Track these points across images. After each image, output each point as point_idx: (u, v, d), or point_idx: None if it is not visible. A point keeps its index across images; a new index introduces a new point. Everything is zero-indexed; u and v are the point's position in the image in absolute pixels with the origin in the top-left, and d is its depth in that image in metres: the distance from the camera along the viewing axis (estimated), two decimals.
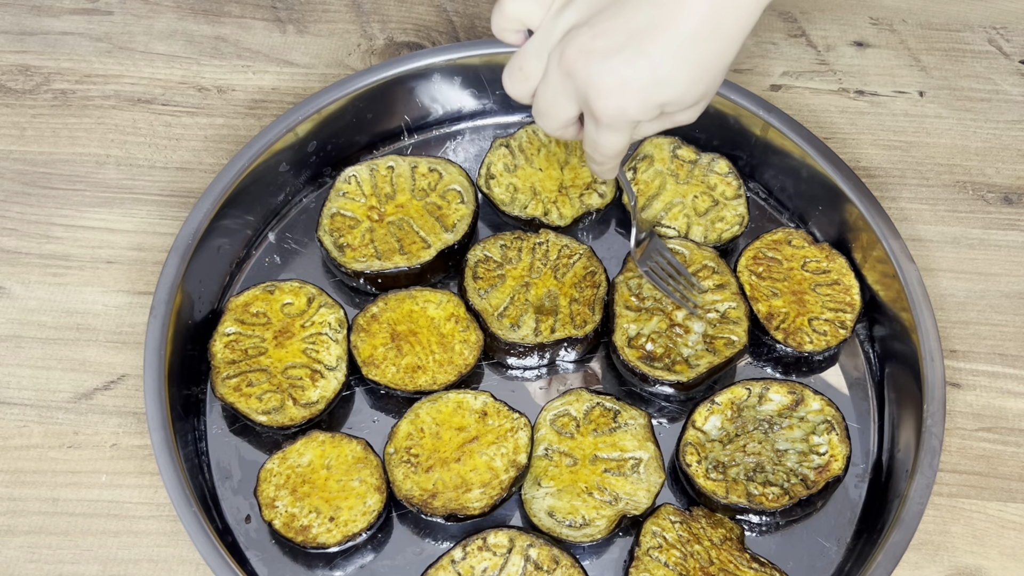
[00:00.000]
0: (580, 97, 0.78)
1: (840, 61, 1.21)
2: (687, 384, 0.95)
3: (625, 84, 0.75)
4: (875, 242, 1.00)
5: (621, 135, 0.79)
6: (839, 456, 0.92)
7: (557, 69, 0.77)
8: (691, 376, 0.95)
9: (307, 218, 1.08)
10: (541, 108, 0.81)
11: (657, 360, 0.96)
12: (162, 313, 0.94)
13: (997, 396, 1.01)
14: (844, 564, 0.93)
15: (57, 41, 1.19)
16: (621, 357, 0.96)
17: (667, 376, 0.95)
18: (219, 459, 0.96)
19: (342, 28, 1.22)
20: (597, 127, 0.79)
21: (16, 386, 0.99)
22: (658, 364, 0.96)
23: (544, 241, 1.02)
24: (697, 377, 0.95)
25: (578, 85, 0.77)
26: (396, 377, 0.96)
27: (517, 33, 0.82)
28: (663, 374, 0.95)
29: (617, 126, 0.78)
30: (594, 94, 0.76)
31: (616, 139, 0.80)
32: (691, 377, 0.95)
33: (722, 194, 1.06)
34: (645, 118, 0.78)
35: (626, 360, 0.96)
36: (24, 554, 0.92)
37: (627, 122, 0.78)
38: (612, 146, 0.80)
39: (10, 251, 1.06)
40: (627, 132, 0.79)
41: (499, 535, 0.89)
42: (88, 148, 1.12)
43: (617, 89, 0.75)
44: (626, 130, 0.79)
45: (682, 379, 0.95)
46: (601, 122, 0.78)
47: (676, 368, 0.96)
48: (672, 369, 0.96)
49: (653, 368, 0.96)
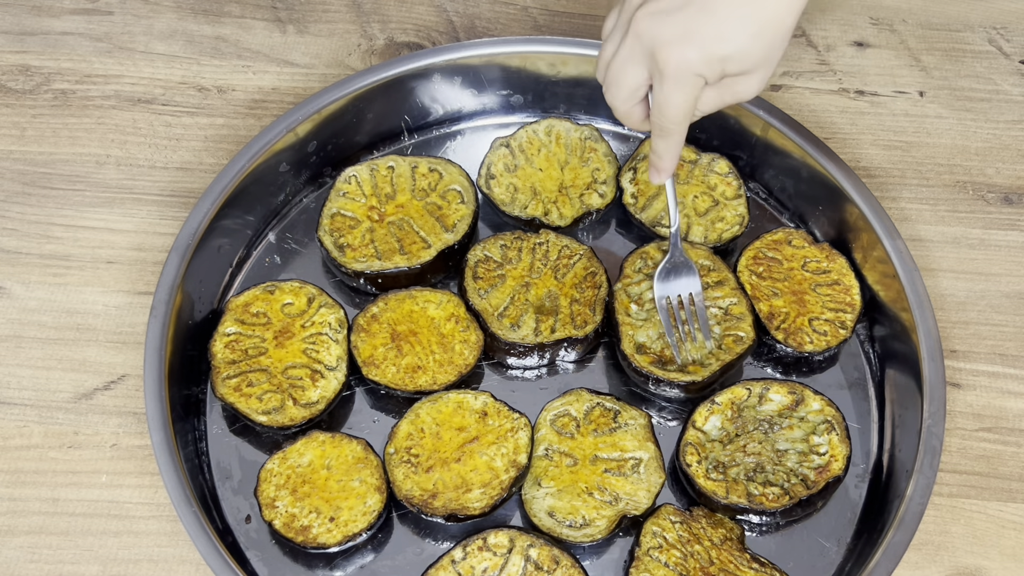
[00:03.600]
0: (647, 55, 0.80)
1: (840, 61, 1.21)
2: (701, 384, 0.95)
3: (688, 35, 0.78)
4: (875, 242, 1.00)
5: (685, 92, 0.81)
6: (839, 456, 0.92)
7: (627, 35, 0.81)
8: (705, 376, 0.95)
9: (307, 218, 1.08)
10: (610, 77, 0.84)
11: (669, 363, 0.96)
12: (162, 313, 0.94)
13: (997, 396, 1.01)
14: (844, 564, 0.93)
15: (57, 41, 1.19)
16: (633, 364, 0.96)
17: (682, 378, 0.95)
18: (219, 459, 0.96)
19: (342, 28, 1.22)
20: (662, 83, 0.81)
21: (16, 386, 0.99)
22: (670, 367, 0.96)
23: (544, 241, 1.02)
24: (711, 376, 0.95)
25: (644, 43, 0.80)
26: (396, 377, 0.96)
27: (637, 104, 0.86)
28: (677, 376, 0.95)
29: (681, 79, 0.80)
30: (658, 45, 0.79)
31: (681, 97, 0.81)
32: (705, 377, 0.95)
33: (722, 194, 1.06)
34: (708, 73, 0.80)
35: (639, 367, 0.96)
36: (24, 554, 0.92)
37: (691, 75, 0.80)
38: (677, 106, 0.82)
39: (10, 251, 1.06)
40: (691, 89, 0.81)
41: (499, 535, 0.89)
42: (88, 148, 1.12)
43: (680, 39, 0.78)
44: (690, 86, 0.81)
45: (696, 379, 0.95)
46: (665, 74, 0.80)
47: (689, 369, 0.96)
48: (686, 370, 0.96)
49: (667, 371, 0.96)
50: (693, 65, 0.79)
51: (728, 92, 0.84)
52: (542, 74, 1.10)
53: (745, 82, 0.83)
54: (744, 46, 0.79)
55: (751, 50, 0.79)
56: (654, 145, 0.87)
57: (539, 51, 1.08)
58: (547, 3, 1.24)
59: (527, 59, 1.09)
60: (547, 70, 1.10)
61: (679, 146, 0.87)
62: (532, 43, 1.08)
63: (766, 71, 0.82)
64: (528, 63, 1.09)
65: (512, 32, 1.22)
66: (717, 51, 0.79)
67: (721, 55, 0.79)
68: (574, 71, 1.10)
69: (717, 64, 0.80)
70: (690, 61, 0.79)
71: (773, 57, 0.81)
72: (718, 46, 0.78)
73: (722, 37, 0.78)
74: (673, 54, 0.79)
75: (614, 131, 1.14)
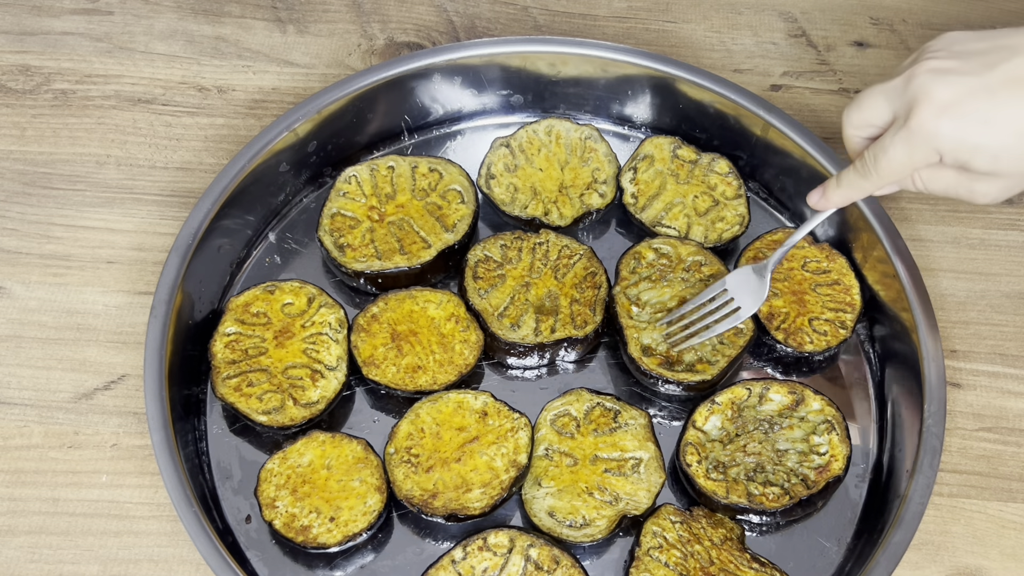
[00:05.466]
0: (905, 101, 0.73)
1: (840, 61, 1.21)
2: (712, 381, 0.96)
3: (957, 105, 0.71)
4: (875, 242, 1.00)
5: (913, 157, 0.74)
6: (839, 456, 0.92)
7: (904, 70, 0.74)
8: (714, 373, 0.95)
9: (307, 218, 1.08)
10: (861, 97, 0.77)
11: (676, 363, 0.96)
12: (162, 313, 0.94)
13: (997, 396, 1.01)
14: (844, 564, 0.93)
15: (57, 41, 1.19)
16: (642, 367, 0.96)
17: (692, 378, 0.95)
18: (219, 459, 0.96)
19: (342, 28, 1.22)
20: (895, 132, 0.74)
21: (16, 386, 0.99)
22: (678, 367, 0.96)
23: (544, 241, 1.02)
24: (720, 372, 0.95)
25: (910, 89, 0.73)
26: (396, 377, 0.96)
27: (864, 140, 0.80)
28: (687, 376, 0.95)
29: (917, 143, 0.73)
30: (920, 99, 0.72)
31: (905, 157, 0.74)
32: (714, 374, 0.95)
33: (722, 194, 1.06)
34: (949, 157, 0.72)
35: (648, 369, 0.96)
36: (24, 554, 0.92)
37: (929, 146, 0.72)
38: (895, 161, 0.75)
39: (10, 251, 1.06)
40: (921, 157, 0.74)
41: (499, 535, 0.89)
42: (88, 148, 1.12)
43: (945, 105, 0.71)
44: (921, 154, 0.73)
45: (706, 377, 0.95)
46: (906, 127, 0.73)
47: (698, 368, 0.96)
48: (694, 369, 0.96)
49: (675, 372, 0.96)
50: (938, 140, 0.72)
51: (964, 187, 0.76)
52: (542, 74, 1.10)
53: (986, 184, 0.75)
54: (1006, 144, 0.71)
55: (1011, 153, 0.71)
56: (846, 174, 0.82)
57: (539, 51, 1.08)
58: (547, 3, 1.24)
59: (527, 59, 1.09)
60: (547, 70, 1.10)
61: (863, 193, 0.82)
62: (532, 43, 1.08)
63: (1013, 183, 0.74)
64: (528, 63, 1.09)
65: (512, 32, 1.22)
66: (973, 138, 0.71)
67: (974, 143, 0.71)
68: (574, 71, 1.10)
69: (966, 151, 0.72)
70: (938, 134, 0.72)
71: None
72: (978, 134, 0.71)
73: (989, 126, 0.70)
74: (926, 116, 0.71)
75: (614, 131, 1.14)
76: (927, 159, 0.74)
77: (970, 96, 0.71)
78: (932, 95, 0.71)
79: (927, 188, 0.78)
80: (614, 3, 1.25)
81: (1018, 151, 0.71)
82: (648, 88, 1.09)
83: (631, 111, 1.13)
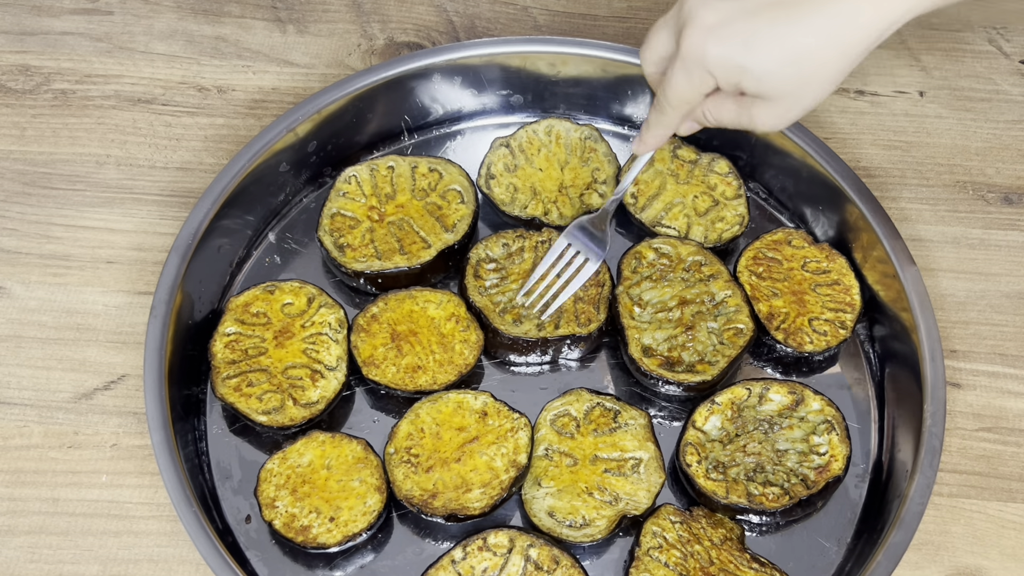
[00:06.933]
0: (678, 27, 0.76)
1: None
2: (712, 381, 0.96)
3: (720, 26, 0.73)
4: (875, 242, 1.00)
5: (690, 81, 0.76)
6: (839, 456, 0.92)
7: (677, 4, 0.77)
8: (714, 373, 0.95)
9: (307, 218, 1.08)
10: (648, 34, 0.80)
11: (677, 364, 0.96)
12: (162, 313, 0.94)
13: (997, 396, 1.01)
14: (844, 564, 0.93)
15: (57, 41, 1.19)
16: (642, 368, 0.96)
17: (692, 378, 0.95)
18: (219, 459, 0.96)
19: (342, 28, 1.22)
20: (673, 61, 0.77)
21: (16, 386, 0.99)
22: (679, 368, 0.96)
23: (547, 239, 1.02)
24: (720, 373, 0.95)
25: (681, 14, 0.75)
26: (396, 377, 0.96)
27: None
28: (687, 377, 0.95)
29: (690, 67, 0.75)
30: (688, 22, 0.74)
31: (684, 83, 0.76)
32: (715, 374, 0.95)
33: (722, 194, 1.06)
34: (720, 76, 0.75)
35: (648, 370, 0.96)
36: (24, 554, 0.92)
37: (701, 68, 0.75)
38: (677, 89, 0.77)
39: (10, 251, 1.06)
40: (697, 82, 0.76)
41: (499, 535, 0.89)
42: (88, 148, 1.12)
43: (709, 27, 0.73)
44: (696, 78, 0.76)
45: (707, 378, 0.95)
46: (681, 54, 0.75)
47: (698, 368, 0.96)
48: (694, 370, 0.96)
49: (676, 373, 0.96)
50: (709, 59, 0.74)
51: (745, 113, 0.78)
52: (542, 74, 1.10)
53: (763, 108, 0.77)
54: (769, 67, 0.73)
55: (775, 74, 0.73)
56: (650, 113, 0.84)
57: (539, 51, 1.08)
58: (547, 3, 1.24)
59: (527, 59, 1.09)
60: (547, 70, 1.10)
61: (668, 128, 0.83)
62: (532, 43, 1.08)
63: (789, 106, 0.76)
64: (528, 63, 1.09)
65: (512, 32, 1.22)
66: (736, 58, 0.73)
67: (739, 63, 0.73)
68: (574, 71, 1.10)
69: (733, 72, 0.74)
70: (708, 54, 0.74)
71: (803, 96, 0.75)
72: (740, 54, 0.73)
73: (750, 47, 0.72)
74: (696, 39, 0.74)
75: (614, 131, 1.14)
76: (703, 82, 0.76)
77: (733, 19, 0.73)
78: (699, 18, 0.74)
79: (717, 119, 0.80)
80: (614, 3, 1.25)
81: (783, 75, 0.74)
82: (648, 88, 1.09)
83: (631, 111, 1.13)
